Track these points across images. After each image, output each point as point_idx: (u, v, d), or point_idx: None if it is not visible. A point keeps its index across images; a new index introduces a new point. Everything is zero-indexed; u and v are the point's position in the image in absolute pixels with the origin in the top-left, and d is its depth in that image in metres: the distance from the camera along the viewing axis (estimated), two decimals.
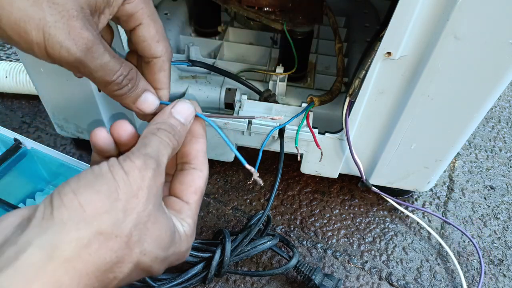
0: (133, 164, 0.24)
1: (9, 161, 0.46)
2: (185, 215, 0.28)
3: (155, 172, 0.25)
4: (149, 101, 0.30)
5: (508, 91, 0.79)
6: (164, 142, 0.27)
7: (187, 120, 0.29)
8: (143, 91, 0.30)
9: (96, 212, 0.22)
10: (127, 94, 0.29)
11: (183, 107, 0.29)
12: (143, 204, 0.23)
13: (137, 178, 0.24)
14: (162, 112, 0.29)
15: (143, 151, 0.25)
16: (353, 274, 0.49)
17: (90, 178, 0.23)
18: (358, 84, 0.40)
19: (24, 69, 0.64)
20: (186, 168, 0.30)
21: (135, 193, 0.23)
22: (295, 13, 0.50)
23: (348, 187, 0.58)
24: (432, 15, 0.33)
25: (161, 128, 0.27)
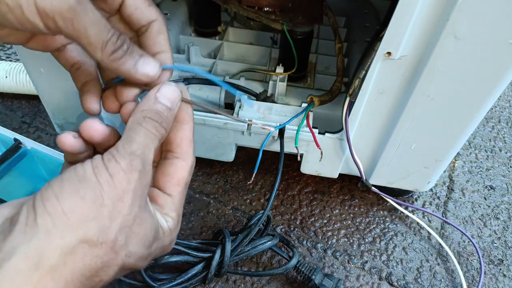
0: (118, 166, 0.23)
1: (9, 161, 0.46)
2: (168, 209, 0.27)
3: (141, 173, 0.24)
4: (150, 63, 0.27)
5: (508, 91, 0.79)
6: (151, 135, 0.25)
7: (174, 104, 0.28)
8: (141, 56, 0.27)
9: (81, 220, 0.21)
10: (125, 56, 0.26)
11: (168, 90, 0.27)
12: (129, 207, 0.23)
13: (122, 181, 0.23)
14: (147, 98, 0.27)
15: (128, 148, 0.24)
16: (353, 274, 0.49)
17: (74, 182, 0.22)
18: (358, 84, 0.41)
19: (24, 69, 0.64)
20: (169, 157, 0.28)
21: (121, 196, 0.23)
22: (295, 13, 0.50)
23: (348, 187, 0.58)
24: (432, 15, 0.33)
25: (147, 116, 0.26)
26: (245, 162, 0.60)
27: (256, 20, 0.50)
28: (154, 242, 0.25)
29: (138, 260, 0.25)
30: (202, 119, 0.47)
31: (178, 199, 0.28)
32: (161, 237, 0.26)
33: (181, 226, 0.51)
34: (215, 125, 0.47)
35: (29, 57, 0.45)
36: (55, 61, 0.47)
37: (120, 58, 0.26)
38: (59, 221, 0.21)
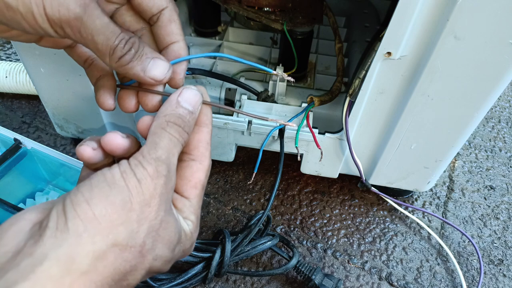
0: (145, 172, 0.23)
1: (9, 161, 0.46)
2: (188, 213, 0.28)
3: (166, 178, 0.24)
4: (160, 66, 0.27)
5: (508, 91, 0.79)
6: (174, 140, 0.26)
7: (195, 108, 0.28)
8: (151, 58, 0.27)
9: (111, 225, 0.22)
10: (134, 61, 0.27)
11: (190, 94, 0.27)
12: (155, 212, 0.23)
13: (149, 186, 0.23)
14: (169, 102, 0.27)
15: (154, 154, 0.24)
16: (353, 274, 0.49)
17: (104, 187, 0.22)
18: (358, 84, 0.40)
19: (24, 69, 0.64)
20: (186, 159, 0.29)
21: (148, 202, 0.23)
22: (295, 13, 0.50)
23: (348, 187, 0.58)
24: (432, 15, 0.33)
25: (170, 121, 0.26)
26: (245, 162, 0.60)
27: (256, 20, 0.50)
28: (177, 245, 0.26)
29: (163, 264, 0.25)
30: None
31: (196, 201, 0.28)
32: (183, 241, 0.27)
33: None
34: (215, 125, 0.47)
35: (29, 57, 0.45)
36: (55, 61, 0.47)
37: (127, 63, 0.26)
38: (90, 225, 0.21)
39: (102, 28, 0.25)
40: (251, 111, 0.48)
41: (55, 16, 0.23)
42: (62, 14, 0.23)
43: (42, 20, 0.23)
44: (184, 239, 0.27)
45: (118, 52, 0.26)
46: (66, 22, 0.24)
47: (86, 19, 0.24)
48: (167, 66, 0.28)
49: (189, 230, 0.27)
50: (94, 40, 0.25)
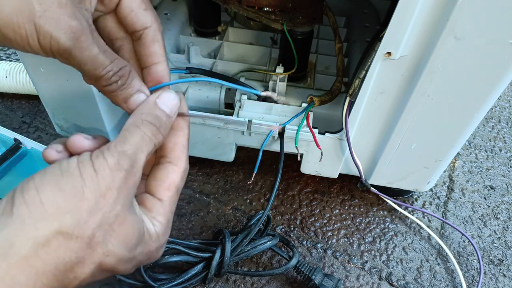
0: (105, 163, 0.23)
1: (9, 161, 0.46)
2: (156, 213, 0.27)
3: (127, 173, 0.24)
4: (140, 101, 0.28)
5: (508, 91, 0.79)
6: (146, 138, 0.26)
7: (173, 111, 0.28)
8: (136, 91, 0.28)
9: (58, 211, 0.21)
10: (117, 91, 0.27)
11: (168, 97, 0.28)
12: (110, 205, 0.23)
13: (107, 177, 0.23)
14: (147, 102, 0.28)
15: (120, 147, 0.24)
16: (353, 274, 0.49)
17: (56, 174, 0.22)
18: (358, 84, 0.41)
19: (24, 69, 0.64)
20: (162, 162, 0.29)
21: (103, 193, 0.23)
22: (295, 13, 0.50)
23: (348, 187, 0.58)
24: (432, 15, 0.33)
25: (146, 120, 0.26)
26: (245, 162, 0.60)
27: (256, 20, 0.50)
28: (138, 245, 0.25)
29: (119, 262, 0.24)
30: (202, 119, 0.47)
31: (168, 204, 0.28)
32: (147, 241, 0.26)
33: (181, 226, 0.51)
34: (215, 125, 0.47)
35: (29, 57, 0.45)
36: (55, 61, 0.47)
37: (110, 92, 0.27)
38: (35, 211, 0.21)
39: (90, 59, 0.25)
40: (251, 111, 0.48)
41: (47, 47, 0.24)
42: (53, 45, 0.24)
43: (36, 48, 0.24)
44: (148, 240, 0.26)
45: (103, 81, 0.27)
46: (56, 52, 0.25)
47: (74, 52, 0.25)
48: None
49: (155, 232, 0.27)
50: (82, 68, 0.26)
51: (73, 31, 0.24)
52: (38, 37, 0.24)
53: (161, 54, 0.30)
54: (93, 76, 0.26)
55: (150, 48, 0.29)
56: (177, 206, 0.55)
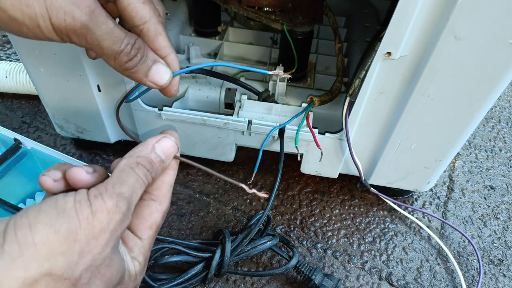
0: (104, 205, 0.23)
1: (9, 161, 0.46)
2: (137, 253, 0.27)
3: (124, 216, 0.24)
4: (161, 72, 0.28)
5: (508, 91, 0.79)
6: (140, 181, 0.26)
7: (168, 158, 0.29)
8: (153, 62, 0.28)
9: (50, 253, 0.21)
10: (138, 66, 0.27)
11: (167, 144, 0.28)
12: (102, 247, 0.23)
13: (103, 220, 0.23)
14: (145, 145, 0.28)
15: (118, 189, 0.24)
16: (353, 274, 0.49)
17: (51, 213, 0.22)
18: (358, 84, 0.40)
19: (24, 69, 0.64)
20: (146, 198, 0.28)
21: (96, 235, 0.22)
22: (295, 13, 0.50)
23: (348, 187, 0.58)
24: (432, 15, 0.33)
25: (140, 163, 0.26)
26: (245, 162, 0.60)
27: (256, 20, 0.50)
28: (117, 285, 0.25)
29: None
30: (202, 119, 0.47)
31: (148, 243, 0.28)
32: (126, 281, 0.26)
33: (181, 226, 0.51)
34: (215, 125, 0.47)
35: (29, 57, 0.45)
36: (55, 61, 0.47)
37: (132, 68, 0.27)
38: (27, 251, 0.20)
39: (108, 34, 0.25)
40: (251, 111, 0.48)
41: (61, 26, 0.23)
42: (68, 23, 0.23)
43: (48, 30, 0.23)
44: (128, 280, 0.26)
45: (124, 57, 0.26)
46: (72, 31, 0.24)
47: (92, 26, 0.24)
48: (169, 72, 0.29)
49: (135, 271, 0.27)
50: (101, 46, 0.25)
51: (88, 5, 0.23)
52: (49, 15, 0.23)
53: (167, 46, 0.29)
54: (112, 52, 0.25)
55: (155, 43, 0.29)
56: (177, 206, 0.55)
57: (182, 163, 0.30)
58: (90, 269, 0.23)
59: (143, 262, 0.28)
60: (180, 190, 0.56)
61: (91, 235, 0.22)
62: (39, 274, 0.21)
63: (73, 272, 0.22)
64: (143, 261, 0.28)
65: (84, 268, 0.22)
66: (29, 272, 0.20)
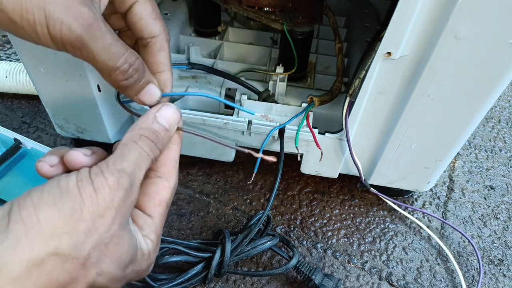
0: (105, 182, 0.23)
1: (9, 161, 0.46)
2: (148, 231, 0.27)
3: (127, 192, 0.23)
4: (151, 93, 0.28)
5: (508, 91, 0.79)
6: (144, 154, 0.25)
7: (172, 126, 0.28)
8: (147, 83, 0.28)
9: (55, 232, 0.21)
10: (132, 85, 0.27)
11: (168, 111, 0.28)
12: (108, 225, 0.22)
13: (106, 197, 0.22)
14: (146, 116, 0.27)
15: (119, 165, 0.24)
16: (353, 274, 0.49)
17: (55, 193, 0.22)
18: (358, 84, 0.40)
19: (24, 69, 0.64)
20: (152, 176, 0.28)
21: (101, 213, 0.22)
22: (295, 13, 0.50)
23: (348, 187, 0.58)
24: (432, 15, 0.33)
25: (144, 135, 0.26)
26: (245, 162, 0.60)
27: (256, 20, 0.50)
28: (130, 264, 0.25)
29: (110, 281, 0.24)
30: (202, 119, 0.47)
31: (159, 220, 0.28)
32: (139, 260, 0.26)
33: (181, 226, 0.51)
34: (215, 125, 0.47)
35: (29, 57, 0.45)
36: (55, 61, 0.47)
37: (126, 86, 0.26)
38: (31, 231, 0.20)
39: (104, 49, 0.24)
40: (251, 111, 0.48)
41: (57, 36, 0.23)
42: (64, 34, 0.23)
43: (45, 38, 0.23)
44: (141, 259, 0.26)
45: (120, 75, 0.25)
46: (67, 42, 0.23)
47: (87, 40, 0.23)
48: (158, 93, 0.28)
49: (147, 250, 0.26)
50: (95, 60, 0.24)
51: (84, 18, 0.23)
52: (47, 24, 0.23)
53: (166, 64, 0.29)
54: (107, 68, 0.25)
55: (156, 57, 0.29)
56: (177, 206, 0.55)
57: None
58: (98, 247, 0.22)
59: (156, 240, 0.27)
60: (180, 190, 0.56)
61: (96, 213, 0.22)
62: (45, 254, 0.20)
63: (81, 251, 0.22)
64: (156, 239, 0.27)
65: (92, 247, 0.22)
66: (35, 252, 0.20)
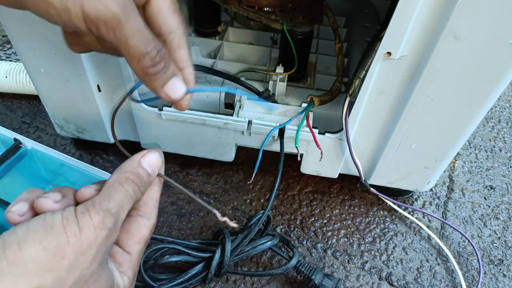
0: (90, 221, 0.23)
1: (9, 161, 0.46)
2: (126, 268, 0.28)
3: (110, 231, 0.24)
4: (177, 87, 0.28)
5: (508, 91, 0.79)
6: (128, 196, 0.27)
7: (154, 171, 0.29)
8: (172, 75, 0.27)
9: (39, 269, 0.21)
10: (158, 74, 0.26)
11: (152, 157, 0.29)
12: (89, 263, 0.23)
13: (90, 236, 0.23)
14: (131, 161, 0.29)
15: (105, 205, 0.25)
16: (353, 274, 0.49)
17: (40, 231, 0.22)
18: (358, 84, 0.40)
19: (24, 69, 0.64)
20: (134, 214, 0.29)
21: (84, 251, 0.23)
22: (295, 13, 0.49)
23: (348, 187, 0.58)
24: (432, 15, 0.33)
25: (129, 178, 0.27)
26: (245, 162, 0.60)
27: (256, 20, 0.50)
28: None
29: None
30: (202, 119, 0.47)
31: (136, 257, 0.28)
32: None
33: (181, 226, 0.51)
34: (215, 125, 0.47)
35: (29, 57, 0.45)
36: (55, 61, 0.47)
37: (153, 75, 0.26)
38: (15, 268, 0.21)
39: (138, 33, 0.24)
40: (251, 110, 0.48)
41: (92, 14, 0.22)
42: (100, 12, 0.22)
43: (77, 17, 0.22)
44: None
45: (148, 61, 0.25)
46: (102, 21, 0.22)
47: (123, 19, 0.23)
48: (184, 87, 0.28)
49: (123, 286, 0.27)
50: (128, 43, 0.24)
51: None
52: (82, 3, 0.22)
53: (186, 60, 0.29)
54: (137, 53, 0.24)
55: (176, 54, 0.29)
56: (177, 206, 0.55)
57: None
58: (78, 284, 0.23)
59: (132, 276, 0.28)
60: (180, 190, 0.55)
61: (79, 251, 0.23)
62: None
63: (63, 286, 0.22)
64: (132, 275, 0.28)
65: (73, 283, 0.23)
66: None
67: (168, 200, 0.54)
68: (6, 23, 0.42)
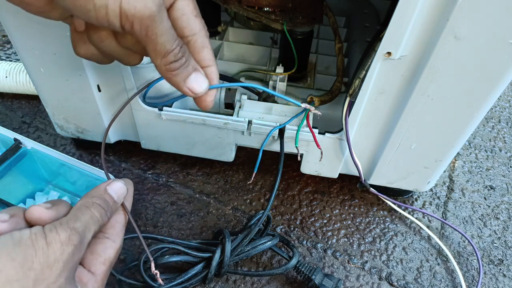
0: (58, 237, 0.25)
1: (9, 161, 0.46)
2: None
3: (76, 248, 0.25)
4: (199, 81, 0.29)
5: (508, 91, 0.79)
6: (95, 218, 0.28)
7: (119, 199, 0.31)
8: (194, 70, 0.29)
9: (6, 280, 0.22)
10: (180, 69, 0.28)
11: (117, 186, 0.31)
12: (55, 277, 0.24)
13: (57, 251, 0.24)
14: (98, 188, 0.30)
15: (72, 224, 0.26)
16: (353, 274, 0.49)
17: (8, 245, 0.23)
18: (358, 84, 0.40)
19: (24, 69, 0.64)
20: (100, 236, 0.30)
21: (51, 264, 0.24)
22: (295, 13, 0.50)
23: (348, 187, 0.58)
24: (432, 15, 0.33)
25: (96, 202, 0.29)
26: (245, 162, 0.60)
27: (256, 20, 0.50)
28: None
29: None
30: (202, 119, 0.47)
31: (101, 278, 0.29)
32: None
33: (181, 226, 0.51)
34: (215, 125, 0.47)
35: (29, 57, 0.45)
36: (55, 61, 0.47)
37: (175, 70, 0.27)
38: None
39: (167, 31, 0.25)
40: (251, 110, 0.48)
41: (130, 11, 0.23)
42: (139, 10, 0.23)
43: (114, 14, 0.23)
44: None
45: (172, 56, 0.26)
46: (139, 19, 0.24)
47: (158, 19, 0.24)
48: (206, 82, 0.30)
49: None
50: (156, 41, 0.25)
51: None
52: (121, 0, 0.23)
53: (210, 59, 0.31)
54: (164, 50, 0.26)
55: (200, 54, 0.30)
56: (177, 206, 0.55)
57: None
58: None
59: None
60: (180, 190, 0.56)
61: (45, 264, 0.24)
62: None
63: None
64: None
65: None
66: None
67: (168, 200, 0.54)
68: (6, 23, 0.42)
